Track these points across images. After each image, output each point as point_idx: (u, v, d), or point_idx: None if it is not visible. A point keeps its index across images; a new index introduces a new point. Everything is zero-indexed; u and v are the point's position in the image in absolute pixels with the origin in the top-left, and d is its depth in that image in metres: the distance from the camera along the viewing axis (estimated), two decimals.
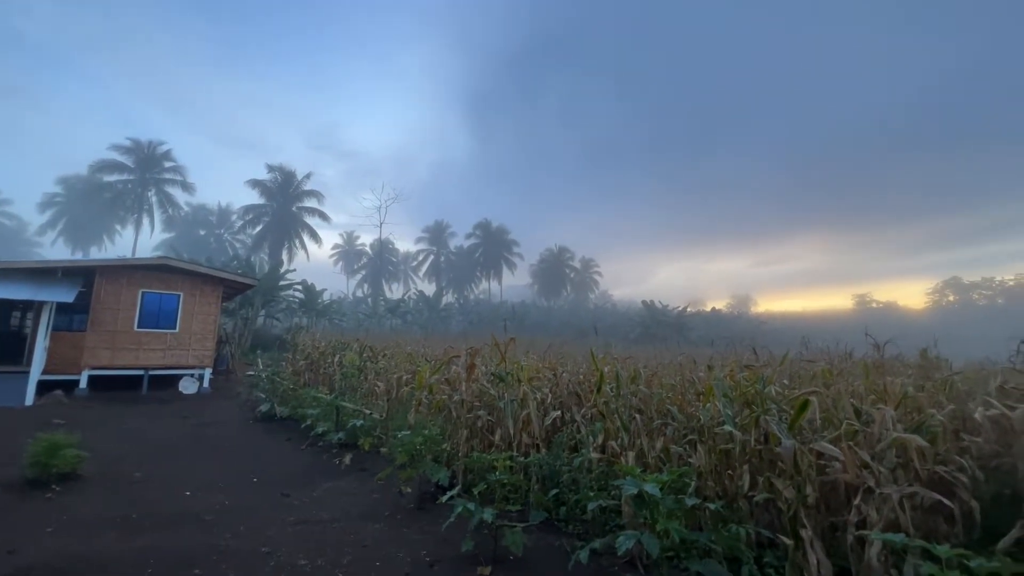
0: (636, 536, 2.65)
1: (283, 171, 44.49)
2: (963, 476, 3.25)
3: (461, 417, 5.56)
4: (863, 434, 3.40)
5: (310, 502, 4.96)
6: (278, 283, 26.68)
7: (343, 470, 6.06)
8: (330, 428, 7.22)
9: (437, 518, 4.37)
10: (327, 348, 11.81)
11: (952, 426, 3.63)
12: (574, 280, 72.79)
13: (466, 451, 5.30)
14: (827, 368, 4.61)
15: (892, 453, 3.24)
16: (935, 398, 4.10)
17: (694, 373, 5.28)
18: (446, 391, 6.15)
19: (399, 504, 4.88)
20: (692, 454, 3.98)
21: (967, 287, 77.29)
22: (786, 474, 3.44)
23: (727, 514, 3.56)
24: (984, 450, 3.52)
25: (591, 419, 4.91)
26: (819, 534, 3.23)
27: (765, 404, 3.82)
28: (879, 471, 3.18)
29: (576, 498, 4.03)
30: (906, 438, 3.08)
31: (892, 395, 3.59)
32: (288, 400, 9.11)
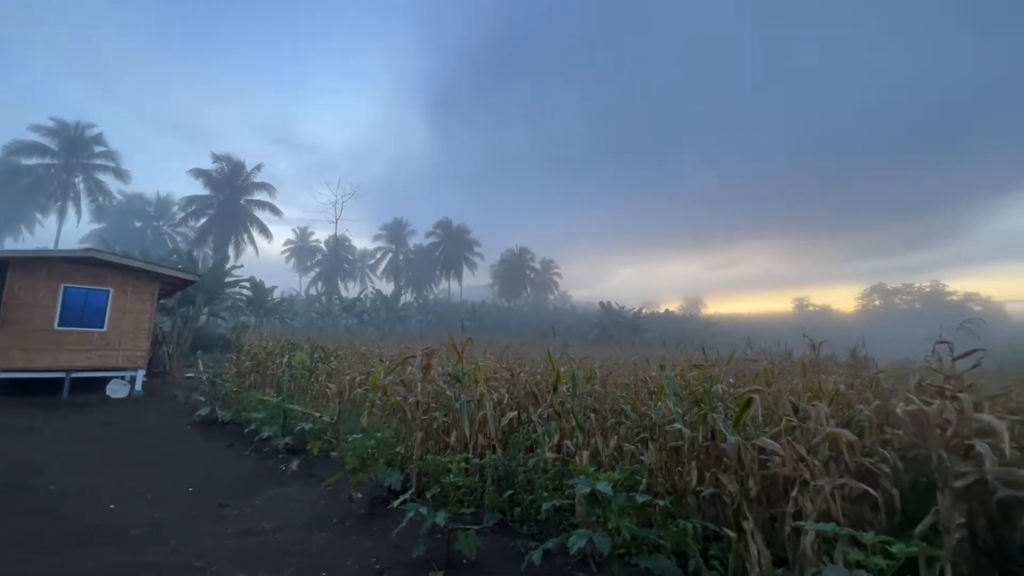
0: (588, 535, 2.67)
1: (231, 161, 42.11)
2: (886, 467, 3.50)
3: (416, 419, 5.43)
4: (800, 429, 3.61)
5: (252, 511, 4.68)
6: (223, 279, 25.20)
7: (289, 476, 5.77)
8: (276, 432, 6.86)
9: (389, 523, 4.24)
10: (275, 348, 11.25)
11: (877, 420, 3.91)
12: (534, 281, 73.44)
13: (421, 453, 5.19)
14: (769, 368, 4.87)
15: (825, 447, 3.45)
16: (863, 395, 4.40)
17: (647, 373, 5.42)
18: (401, 392, 5.99)
19: (349, 510, 4.70)
20: (644, 452, 4.07)
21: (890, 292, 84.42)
22: (731, 469, 3.58)
23: (676, 510, 3.67)
24: (904, 442, 3.81)
25: (547, 419, 4.92)
26: (760, 526, 3.38)
27: (712, 402, 3.97)
28: (814, 464, 3.38)
29: (531, 498, 4.02)
30: (837, 432, 3.28)
31: (826, 392, 3.83)
32: (231, 403, 8.59)
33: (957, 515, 2.81)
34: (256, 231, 42.51)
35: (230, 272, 26.67)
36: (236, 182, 42.04)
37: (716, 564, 3.33)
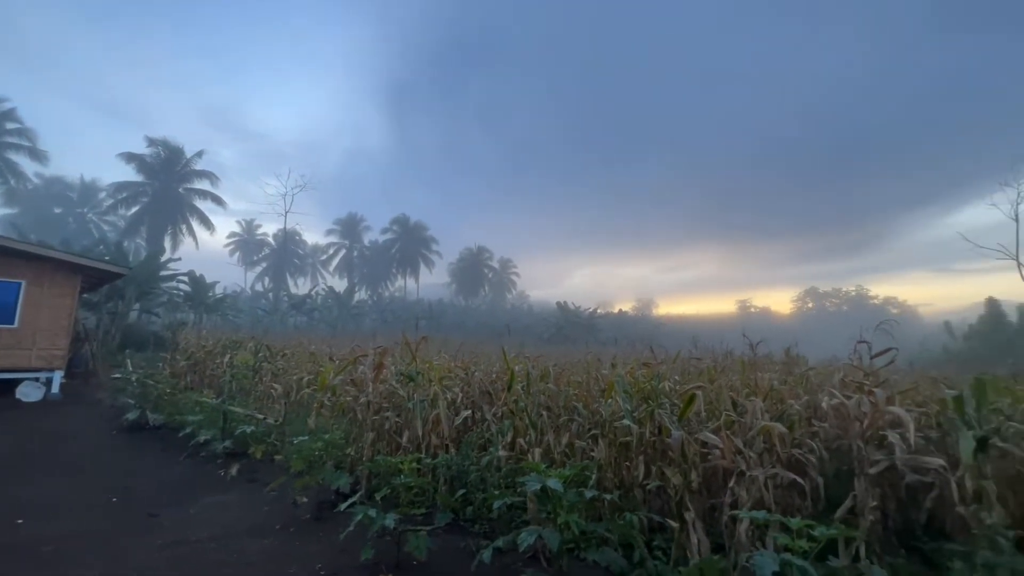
0: (537, 531, 2.70)
1: (167, 146, 39.18)
2: (813, 457, 3.78)
3: (367, 419, 5.29)
4: (738, 423, 3.82)
5: (186, 520, 4.38)
6: (158, 273, 23.43)
7: (229, 482, 5.45)
8: (215, 436, 6.47)
9: (336, 528, 4.09)
10: (216, 347, 10.60)
11: (806, 414, 4.22)
12: (492, 280, 73.46)
13: (371, 455, 5.06)
14: (712, 366, 5.14)
15: (760, 439, 3.68)
16: (794, 391, 4.73)
17: (599, 371, 5.56)
18: (352, 393, 5.81)
19: (294, 516, 4.50)
20: (594, 448, 4.17)
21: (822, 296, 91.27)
22: (675, 462, 3.74)
23: (624, 503, 3.79)
24: (829, 433, 4.14)
25: (501, 418, 4.94)
26: (701, 516, 3.56)
27: (659, 399, 4.14)
28: (750, 456, 3.59)
29: (483, 497, 4.02)
30: (771, 426, 3.51)
31: (761, 389, 4.09)
32: (163, 406, 8.01)
33: (871, 499, 3.08)
34: (196, 222, 39.83)
35: (166, 265, 24.83)
36: (174, 169, 39.16)
37: (660, 554, 3.47)
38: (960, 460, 3.06)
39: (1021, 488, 3.39)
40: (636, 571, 3.25)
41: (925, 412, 3.96)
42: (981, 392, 3.25)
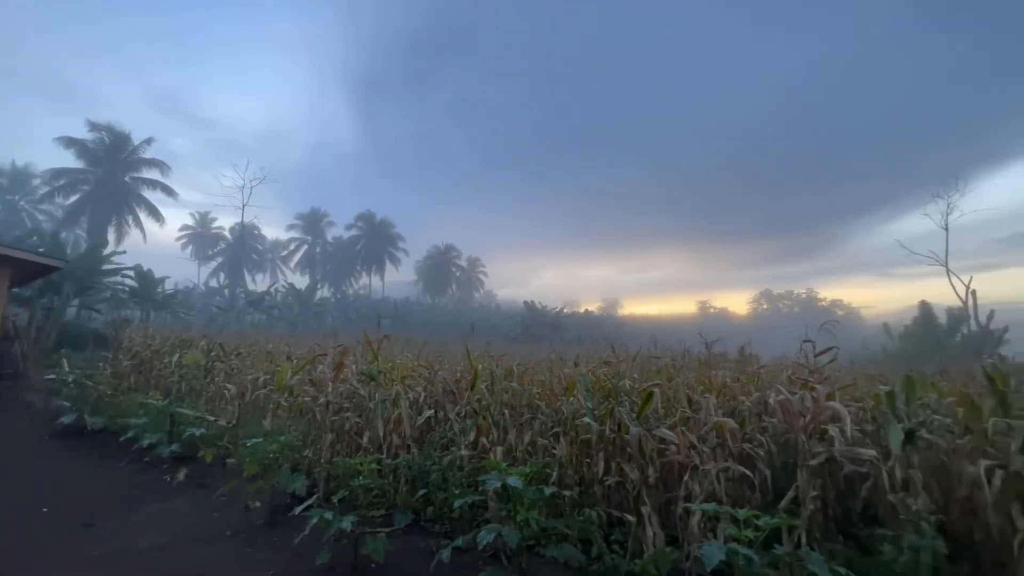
0: (497, 529, 2.71)
1: (112, 131, 36.67)
2: (761, 451, 3.97)
3: (326, 420, 5.15)
4: (693, 420, 3.97)
5: (127, 530, 4.13)
6: (100, 267, 21.94)
7: (175, 488, 5.18)
8: (161, 439, 6.13)
9: (291, 532, 3.96)
10: (164, 345, 10.03)
11: (756, 410, 4.41)
12: (460, 279, 72.95)
13: (330, 456, 4.92)
14: (670, 364, 5.31)
15: (713, 435, 3.83)
16: (747, 388, 4.95)
17: (561, 369, 5.63)
18: (310, 393, 5.64)
19: (246, 521, 4.33)
20: (556, 446, 4.22)
21: (776, 297, 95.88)
22: (633, 459, 3.84)
23: (583, 499, 3.86)
24: (777, 428, 4.35)
25: (465, 417, 4.92)
26: (656, 509, 3.67)
27: (619, 397, 4.23)
28: (703, 451, 3.73)
29: (444, 497, 4.00)
30: (723, 421, 3.66)
31: (715, 386, 4.25)
32: (103, 409, 7.51)
33: (812, 489, 3.27)
34: (144, 213, 37.50)
35: (109, 259, 23.25)
36: (119, 156, 36.71)
37: (617, 548, 3.55)
38: (891, 451, 3.29)
39: (944, 476, 3.67)
40: (594, 565, 3.32)
41: (862, 407, 4.23)
42: (910, 388, 3.51)
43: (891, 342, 26.62)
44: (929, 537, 2.70)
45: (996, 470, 3.00)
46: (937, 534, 2.83)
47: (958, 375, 5.81)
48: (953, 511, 3.51)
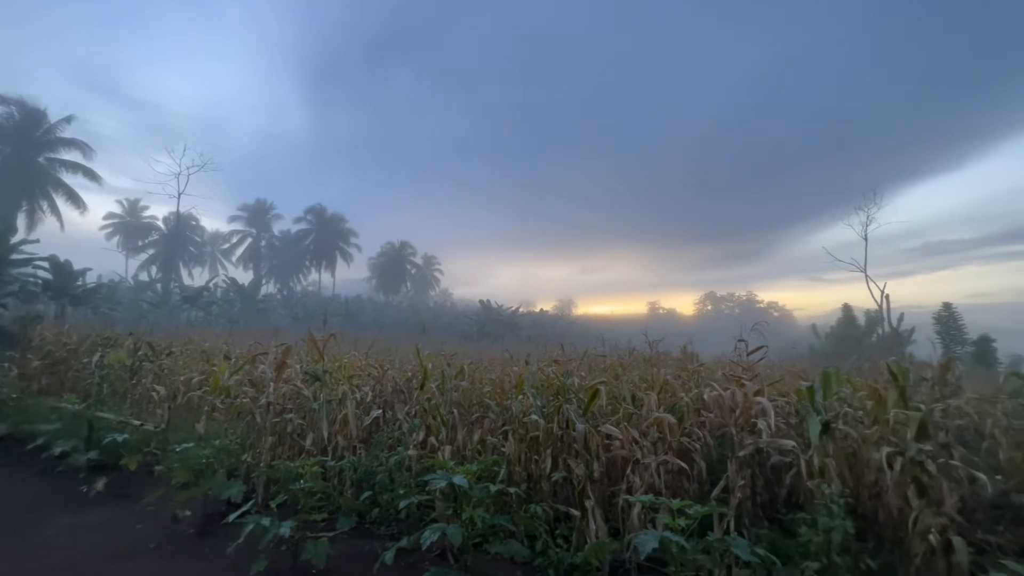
0: (441, 528, 2.70)
1: (23, 106, 33.02)
2: (698, 444, 4.20)
3: (266, 422, 4.91)
4: (636, 415, 4.13)
5: (34, 546, 3.76)
6: (7, 256, 19.70)
7: (93, 499, 4.77)
8: (77, 447, 5.61)
9: (225, 542, 3.75)
10: (82, 344, 9.18)
11: (695, 405, 4.66)
12: (415, 276, 71.73)
13: (270, 460, 4.71)
14: (616, 362, 5.49)
15: (654, 430, 4.01)
16: (687, 384, 5.21)
17: (512, 368, 5.68)
18: (250, 394, 5.36)
19: (174, 533, 4.06)
20: (505, 443, 4.26)
21: (719, 299, 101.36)
22: (579, 454, 3.95)
23: (530, 496, 3.92)
24: (713, 423, 4.62)
25: (414, 416, 4.86)
26: (600, 503, 3.79)
27: (567, 394, 4.33)
28: (645, 445, 3.90)
29: (390, 498, 3.93)
30: (663, 417, 3.83)
31: (657, 383, 4.44)
32: (8, 413, 6.77)
33: (740, 479, 3.49)
34: (62, 198, 34.07)
35: (18, 248, 20.90)
36: (33, 134, 33.10)
37: (562, 542, 3.64)
38: (810, 441, 3.58)
39: (855, 463, 4.04)
40: (539, 560, 3.38)
41: (787, 401, 4.57)
42: (827, 383, 3.83)
43: (818, 341, 28.91)
44: (839, 518, 2.96)
45: (896, 456, 3.34)
46: (846, 515, 3.11)
47: (871, 371, 6.40)
48: (863, 494, 3.87)
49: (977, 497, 4.20)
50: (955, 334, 21.84)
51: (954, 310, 22.46)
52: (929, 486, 3.20)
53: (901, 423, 3.47)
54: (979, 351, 19.93)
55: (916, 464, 3.22)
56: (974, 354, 19.79)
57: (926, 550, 3.05)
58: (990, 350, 19.70)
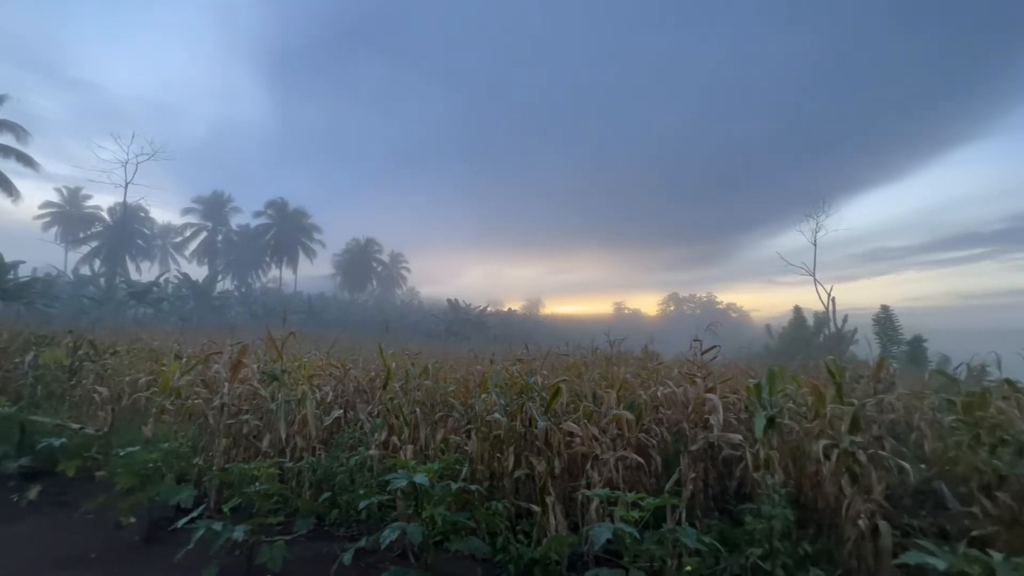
0: (401, 527, 2.71)
1: None
2: (655, 440, 4.37)
3: (220, 424, 4.74)
4: (596, 413, 4.25)
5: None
6: None
7: (26, 508, 4.46)
8: (7, 452, 5.23)
9: (174, 549, 3.60)
10: (13, 342, 8.54)
11: (653, 403, 4.84)
12: (381, 274, 70.31)
13: (224, 463, 4.54)
14: (578, 361, 5.62)
15: (613, 426, 4.14)
16: (646, 383, 5.40)
17: (476, 367, 5.72)
18: (203, 395, 5.16)
19: (118, 541, 3.87)
20: (467, 442, 4.29)
21: (681, 300, 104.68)
22: (541, 451, 4.03)
23: (492, 493, 3.96)
24: (670, 419, 4.81)
25: (376, 416, 4.81)
26: (561, 499, 3.88)
27: (530, 392, 4.40)
28: (604, 441, 4.02)
29: (349, 499, 3.88)
30: (621, 414, 3.97)
31: (617, 381, 4.59)
32: None
33: (692, 472, 3.66)
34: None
35: None
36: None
37: (523, 538, 3.70)
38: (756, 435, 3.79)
39: (798, 455, 4.31)
40: (499, 556, 3.43)
41: (738, 398, 4.81)
42: (772, 381, 4.07)
43: (771, 341, 30.38)
44: (780, 507, 3.16)
45: (832, 448, 3.59)
46: (787, 504, 3.32)
47: (815, 370, 6.81)
48: (804, 484, 4.12)
49: (903, 485, 4.57)
50: (892, 335, 23.53)
51: (891, 312, 24.21)
52: (860, 475, 3.46)
53: (837, 417, 3.74)
54: (912, 351, 21.54)
55: (849, 455, 3.47)
56: (908, 354, 21.38)
57: (857, 534, 3.30)
58: (921, 350, 21.33)
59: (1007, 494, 3.24)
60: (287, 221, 57.34)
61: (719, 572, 3.24)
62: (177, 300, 40.19)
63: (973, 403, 3.66)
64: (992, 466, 3.35)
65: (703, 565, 3.21)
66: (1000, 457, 3.42)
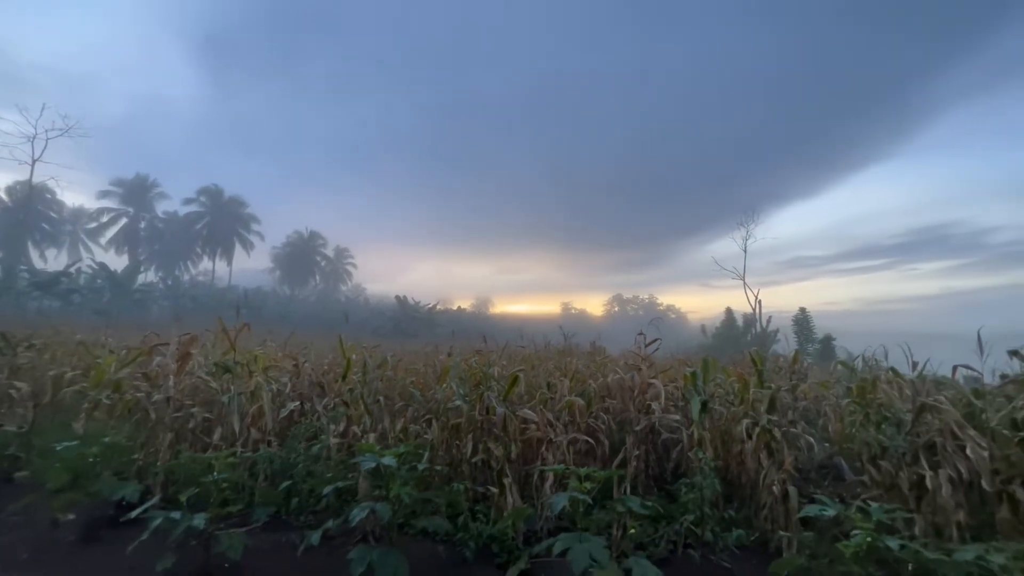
0: (369, 506, 2.83)
1: None
2: (603, 424, 4.74)
3: (165, 418, 4.56)
4: (550, 400, 4.55)
5: None
6: None
7: None
8: None
9: (119, 546, 3.48)
10: None
11: (601, 391, 5.22)
12: (325, 269, 67.53)
13: (169, 458, 4.39)
14: (533, 353, 5.92)
15: (566, 412, 4.46)
16: (595, 373, 5.79)
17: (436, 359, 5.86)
18: (144, 388, 4.92)
19: (52, 540, 3.66)
20: (428, 430, 4.44)
21: (625, 301, 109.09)
22: (499, 437, 4.26)
23: (452, 478, 4.15)
24: (617, 406, 5.22)
25: (334, 408, 4.83)
26: (517, 481, 4.14)
27: (489, 382, 4.63)
28: (557, 426, 4.32)
29: (310, 488, 3.92)
30: (573, 400, 4.29)
31: (569, 371, 4.92)
32: None
33: (635, 450, 4.05)
34: None
35: None
36: None
37: (482, 517, 3.92)
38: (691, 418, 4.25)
39: (727, 436, 4.84)
40: (460, 534, 3.63)
41: (676, 387, 5.31)
42: (706, 370, 4.57)
43: (706, 340, 32.63)
44: (710, 478, 3.60)
45: (754, 427, 4.11)
46: (715, 476, 3.79)
47: (742, 362, 7.57)
48: (731, 461, 4.65)
49: (811, 460, 5.26)
50: (807, 334, 26.18)
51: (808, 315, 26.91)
52: (775, 450, 4.00)
53: (758, 400, 4.27)
54: (823, 348, 24.07)
55: (767, 431, 3.99)
56: (820, 351, 23.85)
57: (771, 500, 3.82)
58: (831, 347, 23.91)
59: (888, 463, 3.87)
60: (222, 210, 53.64)
61: (657, 538, 3.63)
62: (91, 292, 36.51)
63: (864, 387, 4.31)
64: (877, 440, 3.98)
65: (644, 532, 3.59)
66: (884, 432, 4.07)
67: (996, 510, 3.08)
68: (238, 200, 55.40)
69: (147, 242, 52.13)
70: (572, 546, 2.39)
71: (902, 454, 3.71)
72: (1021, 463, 3.11)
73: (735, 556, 3.65)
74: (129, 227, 50.74)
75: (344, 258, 71.22)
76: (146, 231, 52.03)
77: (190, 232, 52.91)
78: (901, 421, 3.81)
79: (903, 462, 3.68)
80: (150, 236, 52.27)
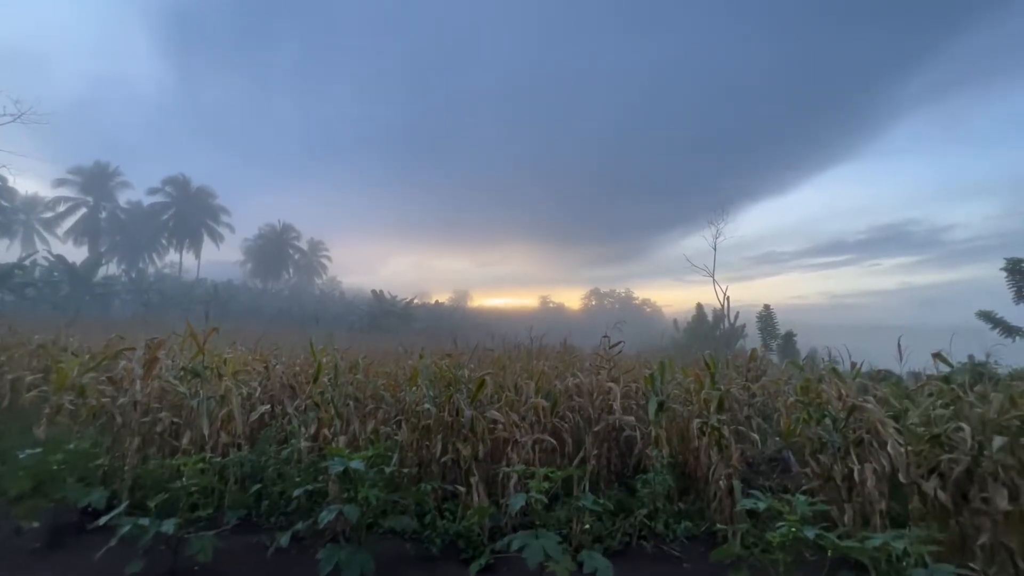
0: (338, 508, 2.96)
1: None
2: (568, 425, 4.96)
3: (132, 423, 4.55)
4: (516, 402, 4.74)
5: None
6: None
7: None
8: None
9: (87, 551, 3.50)
10: None
11: (567, 392, 5.44)
12: (299, 262, 66.04)
13: (136, 463, 4.39)
14: (502, 355, 6.10)
15: (532, 413, 4.65)
16: (562, 374, 5.99)
17: (406, 361, 5.97)
18: (109, 393, 4.87)
19: (16, 547, 3.65)
20: (398, 432, 4.57)
21: (603, 295, 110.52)
22: (467, 438, 4.43)
23: (421, 478, 4.30)
24: (581, 405, 5.45)
25: (305, 410, 4.90)
26: (484, 480, 4.31)
27: (458, 384, 4.78)
28: (523, 427, 4.52)
29: (280, 490, 4.00)
30: (538, 401, 4.49)
31: (536, 373, 5.11)
32: None
33: (595, 449, 4.29)
34: None
35: None
36: None
37: (449, 516, 4.09)
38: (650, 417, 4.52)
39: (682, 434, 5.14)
40: (427, 532, 3.79)
41: (638, 387, 5.57)
42: (663, 371, 4.84)
43: (677, 335, 33.51)
44: (663, 474, 3.86)
45: (705, 426, 4.40)
46: (670, 472, 4.05)
47: None
48: (687, 458, 4.95)
49: (762, 454, 5.63)
50: (771, 330, 27.24)
51: (771, 311, 28.01)
52: (724, 447, 4.29)
53: (710, 400, 4.56)
54: (785, 344, 25.12)
55: (716, 430, 4.28)
56: (782, 347, 24.89)
57: (720, 493, 4.11)
58: (792, 343, 25.00)
59: (825, 457, 4.21)
60: (189, 200, 51.78)
61: (614, 532, 3.87)
62: (47, 286, 34.86)
63: (808, 386, 4.66)
64: (817, 435, 4.33)
65: (601, 527, 3.83)
66: (824, 428, 4.42)
67: (910, 500, 3.44)
68: (207, 191, 53.59)
69: (108, 233, 49.94)
70: (528, 543, 2.58)
71: (837, 448, 4.05)
72: (932, 458, 3.46)
73: (685, 546, 3.93)
74: (89, 217, 48.46)
75: (318, 251, 69.83)
76: (107, 222, 49.81)
77: (155, 223, 50.93)
78: (836, 418, 4.15)
79: (837, 456, 4.02)
80: (112, 227, 50.07)
